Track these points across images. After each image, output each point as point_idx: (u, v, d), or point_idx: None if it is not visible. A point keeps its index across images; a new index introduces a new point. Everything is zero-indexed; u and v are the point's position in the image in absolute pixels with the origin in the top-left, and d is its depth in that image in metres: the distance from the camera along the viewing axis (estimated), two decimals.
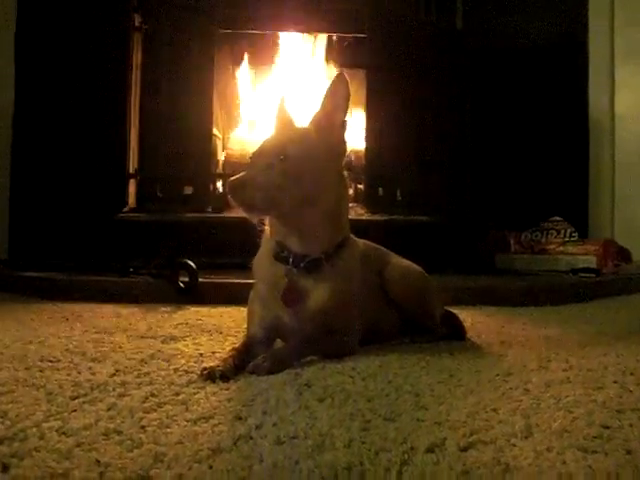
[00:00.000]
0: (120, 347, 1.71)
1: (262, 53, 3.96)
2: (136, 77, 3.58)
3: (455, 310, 2.04)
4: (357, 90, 3.71)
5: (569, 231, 3.87)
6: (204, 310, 2.47)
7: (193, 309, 2.51)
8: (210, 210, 3.53)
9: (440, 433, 1.03)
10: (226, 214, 3.44)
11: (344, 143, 1.68)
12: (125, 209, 3.50)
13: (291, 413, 1.13)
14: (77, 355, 1.59)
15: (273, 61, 3.98)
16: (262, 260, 1.70)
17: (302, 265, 1.62)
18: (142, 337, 1.87)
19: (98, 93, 3.62)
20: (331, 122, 1.66)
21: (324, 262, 1.64)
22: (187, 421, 1.07)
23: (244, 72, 4.03)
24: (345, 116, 1.66)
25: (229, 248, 3.08)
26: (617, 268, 3.74)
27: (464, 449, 0.96)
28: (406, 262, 1.97)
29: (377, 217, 3.36)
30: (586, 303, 2.94)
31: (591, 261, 3.70)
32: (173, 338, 1.86)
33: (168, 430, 1.02)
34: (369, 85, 3.71)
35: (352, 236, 1.77)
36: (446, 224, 3.59)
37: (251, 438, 1.00)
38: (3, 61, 3.65)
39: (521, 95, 4.08)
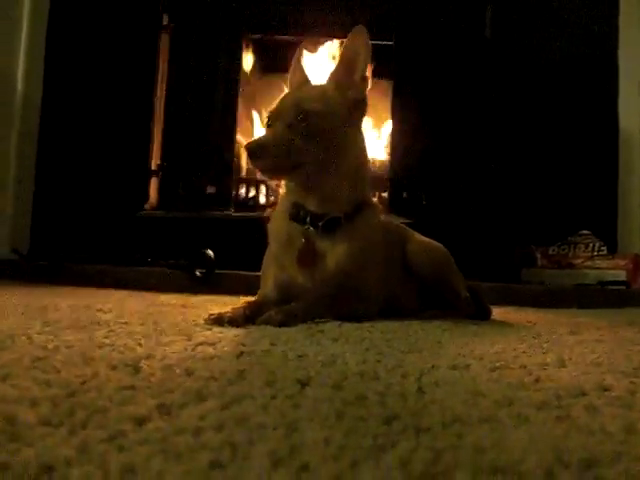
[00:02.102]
0: (128, 307, 1.64)
1: (289, 58, 3.93)
2: (162, 76, 3.57)
3: None
4: (383, 97, 3.68)
5: (597, 245, 3.74)
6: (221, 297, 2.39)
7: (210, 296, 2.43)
8: (232, 211, 3.47)
9: (464, 359, 0.94)
10: (247, 213, 3.39)
11: (365, 99, 1.61)
12: (146, 206, 3.46)
13: (301, 345, 1.04)
14: (93, 311, 1.51)
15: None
16: (278, 220, 1.62)
17: (320, 225, 1.54)
18: (153, 304, 1.80)
19: (124, 90, 3.61)
20: (351, 77, 1.59)
21: (343, 222, 1.55)
22: (188, 343, 0.99)
23: (270, 77, 4.01)
24: (366, 70, 1.59)
25: (248, 247, 3.02)
26: None
27: (491, 370, 0.87)
28: (427, 239, 1.88)
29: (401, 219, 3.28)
30: (614, 309, 2.81)
31: (620, 276, 3.57)
32: (184, 305, 1.78)
33: (166, 348, 0.93)
34: (395, 92, 3.66)
35: (374, 200, 1.68)
36: (472, 231, 3.50)
37: (254, 353, 0.91)
38: (33, 58, 3.66)
39: (550, 106, 3.99)
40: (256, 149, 1.43)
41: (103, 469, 0.41)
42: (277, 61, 3.88)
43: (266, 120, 1.58)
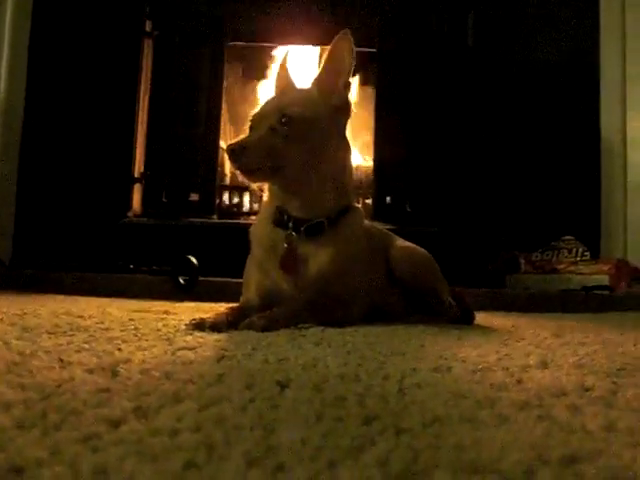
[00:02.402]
0: (109, 313, 1.62)
1: (271, 66, 3.94)
2: (145, 82, 3.56)
3: None
4: (367, 103, 3.69)
5: (581, 250, 3.76)
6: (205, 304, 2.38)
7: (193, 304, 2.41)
8: (215, 218, 3.46)
9: (446, 362, 0.93)
10: (230, 220, 3.38)
11: (348, 105, 1.61)
12: (129, 213, 3.43)
13: (283, 349, 1.03)
14: (74, 317, 1.49)
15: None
16: (260, 225, 1.61)
17: (302, 229, 1.54)
18: (135, 311, 1.78)
19: (107, 97, 3.59)
20: (334, 83, 1.59)
21: (326, 227, 1.55)
22: (168, 348, 0.98)
23: (253, 85, 4.01)
24: (349, 76, 1.59)
25: (232, 254, 3.01)
26: (630, 288, 3.62)
27: (473, 372, 0.86)
28: (410, 244, 1.88)
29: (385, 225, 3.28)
30: (598, 314, 2.82)
31: (603, 280, 3.59)
32: (167, 312, 1.77)
33: (145, 353, 0.92)
34: (378, 98, 3.67)
35: (357, 205, 1.68)
36: (456, 237, 3.51)
37: (235, 358, 0.90)
38: (15, 65, 3.63)
39: (532, 114, 4.02)
40: (237, 150, 1.42)
41: (74, 470, 0.40)
42: (260, 69, 3.89)
43: (249, 124, 1.57)
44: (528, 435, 0.53)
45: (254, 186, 1.60)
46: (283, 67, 1.69)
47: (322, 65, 1.60)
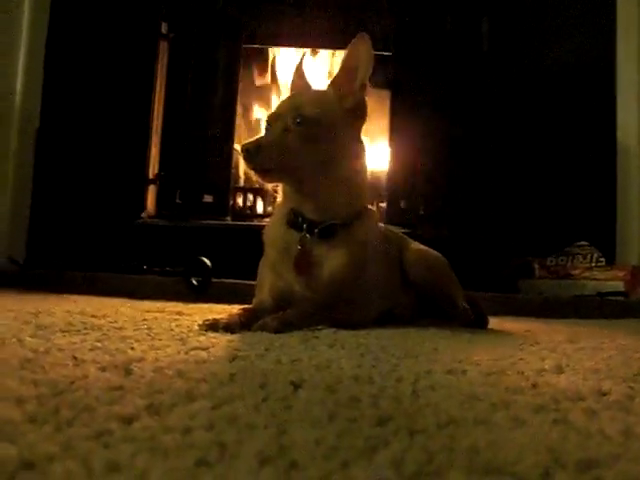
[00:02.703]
0: (123, 313, 1.62)
1: (287, 69, 3.94)
2: (161, 84, 3.57)
3: None
4: (382, 107, 3.68)
5: (595, 256, 3.73)
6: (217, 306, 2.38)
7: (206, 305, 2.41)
8: (229, 220, 3.47)
9: (460, 365, 0.92)
10: (244, 222, 3.39)
11: (364, 107, 1.60)
12: (143, 214, 3.45)
13: (296, 350, 1.03)
14: (87, 316, 1.49)
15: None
16: (274, 227, 1.61)
17: (316, 231, 1.53)
18: (148, 311, 1.78)
19: (122, 98, 3.61)
20: (351, 85, 1.58)
21: (339, 229, 1.54)
22: (181, 348, 0.98)
23: (268, 88, 4.01)
24: (366, 78, 1.59)
25: (245, 256, 3.01)
26: None
27: (488, 375, 0.85)
28: (425, 247, 1.87)
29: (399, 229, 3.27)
30: (613, 320, 2.79)
31: (618, 287, 3.56)
32: (180, 313, 1.77)
33: (158, 352, 0.92)
34: (393, 102, 3.67)
35: (372, 208, 1.67)
36: (470, 241, 3.49)
37: (248, 358, 0.90)
38: (32, 66, 3.66)
39: (548, 118, 4.00)
40: (252, 149, 1.42)
41: (86, 466, 0.40)
42: (275, 71, 3.89)
43: (265, 124, 1.57)
44: (544, 438, 0.53)
45: (269, 187, 1.59)
46: (299, 70, 1.69)
47: (340, 67, 1.60)
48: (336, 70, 1.64)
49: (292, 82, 1.71)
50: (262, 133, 1.56)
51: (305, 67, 1.69)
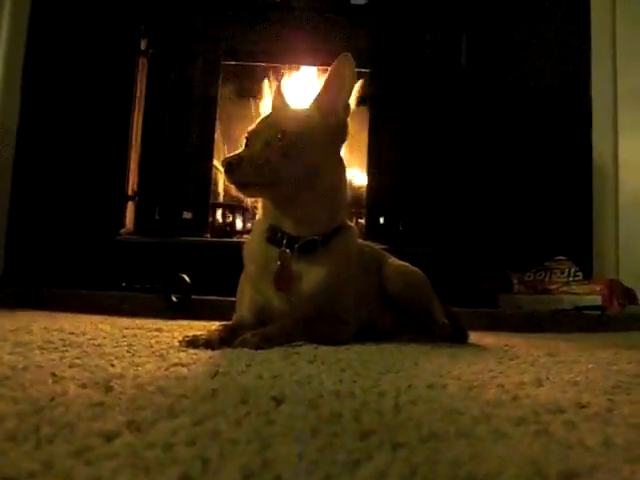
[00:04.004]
0: (102, 330, 1.61)
1: (266, 85, 3.95)
2: (140, 100, 3.57)
3: None
4: (360, 123, 3.70)
5: (573, 270, 3.77)
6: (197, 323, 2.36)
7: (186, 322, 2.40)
8: (208, 236, 3.46)
9: (441, 379, 0.93)
10: (223, 239, 3.38)
11: (346, 127, 1.62)
12: (122, 231, 3.42)
13: (277, 366, 1.02)
14: (66, 333, 1.48)
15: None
16: (254, 242, 1.61)
17: (296, 247, 1.53)
18: (127, 328, 1.77)
19: (101, 114, 3.60)
20: (334, 104, 1.59)
21: (320, 244, 1.55)
22: (161, 364, 0.97)
23: (248, 105, 4.02)
24: (349, 99, 1.60)
25: (225, 273, 3.00)
26: (622, 308, 3.62)
27: (468, 389, 0.86)
28: (404, 262, 1.88)
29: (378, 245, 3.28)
30: (591, 334, 2.82)
31: (596, 300, 3.59)
32: (159, 330, 1.76)
33: (138, 368, 0.91)
34: (372, 118, 3.69)
35: (351, 224, 1.68)
36: (449, 256, 3.51)
37: (229, 374, 0.90)
38: (10, 81, 3.64)
39: (525, 135, 4.05)
40: (233, 163, 1.42)
41: None
42: (254, 88, 3.90)
43: (244, 140, 1.57)
44: (526, 450, 0.53)
45: (248, 203, 1.59)
46: (278, 93, 1.69)
47: (322, 85, 1.60)
48: (316, 86, 1.65)
49: (272, 101, 1.72)
50: (242, 149, 1.56)
51: (284, 90, 1.69)
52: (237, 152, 1.50)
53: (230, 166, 1.43)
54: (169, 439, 0.51)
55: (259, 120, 1.60)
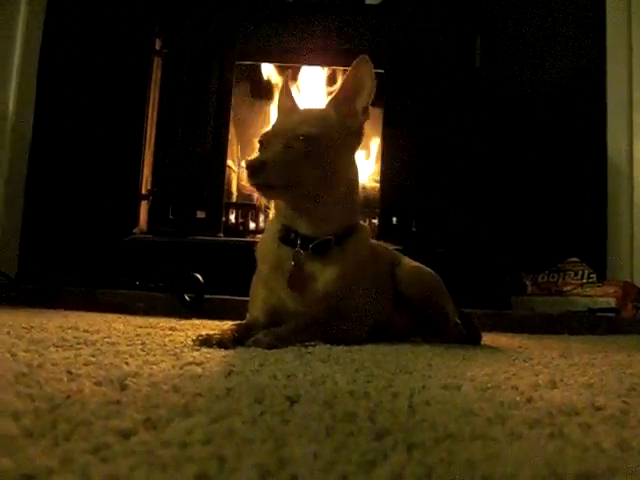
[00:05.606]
0: (116, 328, 1.62)
1: (279, 86, 3.95)
2: (154, 100, 3.58)
3: None
4: (375, 123, 3.70)
5: (587, 272, 3.75)
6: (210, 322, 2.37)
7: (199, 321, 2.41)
8: (221, 236, 3.47)
9: (455, 380, 0.93)
10: (237, 238, 3.39)
11: (362, 130, 1.62)
12: (136, 230, 3.44)
13: (291, 366, 1.03)
14: (80, 331, 1.49)
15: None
16: (267, 243, 1.61)
17: (310, 247, 1.53)
18: (141, 327, 1.78)
19: (115, 114, 3.62)
20: (352, 106, 1.59)
21: (333, 245, 1.55)
22: (175, 363, 0.97)
23: (261, 104, 4.03)
24: (369, 102, 1.60)
25: (238, 272, 3.01)
26: (637, 310, 3.60)
27: (483, 390, 0.86)
28: (418, 263, 1.88)
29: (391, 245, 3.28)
30: (605, 336, 2.80)
31: (610, 303, 3.57)
32: (173, 328, 1.76)
33: (153, 367, 0.92)
34: (386, 119, 3.68)
35: (364, 224, 1.68)
36: (462, 257, 3.50)
37: (243, 373, 0.90)
38: (25, 82, 3.67)
39: (539, 135, 4.03)
40: (257, 166, 1.42)
41: (85, 479, 0.40)
42: (268, 88, 3.91)
43: (258, 143, 1.57)
44: (541, 452, 0.53)
45: (263, 201, 1.59)
46: (286, 87, 1.69)
47: (340, 87, 1.60)
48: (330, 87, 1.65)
49: (279, 101, 1.71)
50: (256, 151, 1.56)
51: (291, 87, 1.69)
52: (257, 155, 1.49)
53: (254, 169, 1.42)
54: (185, 437, 0.51)
55: (275, 122, 1.60)
